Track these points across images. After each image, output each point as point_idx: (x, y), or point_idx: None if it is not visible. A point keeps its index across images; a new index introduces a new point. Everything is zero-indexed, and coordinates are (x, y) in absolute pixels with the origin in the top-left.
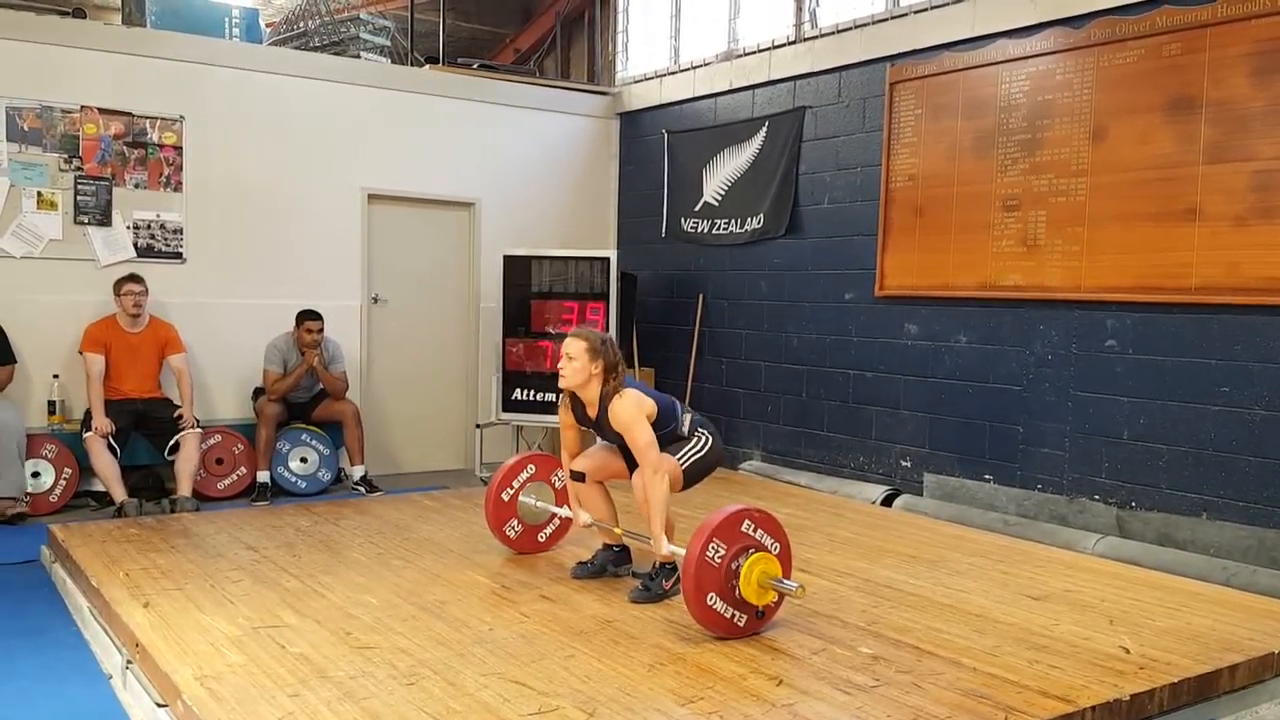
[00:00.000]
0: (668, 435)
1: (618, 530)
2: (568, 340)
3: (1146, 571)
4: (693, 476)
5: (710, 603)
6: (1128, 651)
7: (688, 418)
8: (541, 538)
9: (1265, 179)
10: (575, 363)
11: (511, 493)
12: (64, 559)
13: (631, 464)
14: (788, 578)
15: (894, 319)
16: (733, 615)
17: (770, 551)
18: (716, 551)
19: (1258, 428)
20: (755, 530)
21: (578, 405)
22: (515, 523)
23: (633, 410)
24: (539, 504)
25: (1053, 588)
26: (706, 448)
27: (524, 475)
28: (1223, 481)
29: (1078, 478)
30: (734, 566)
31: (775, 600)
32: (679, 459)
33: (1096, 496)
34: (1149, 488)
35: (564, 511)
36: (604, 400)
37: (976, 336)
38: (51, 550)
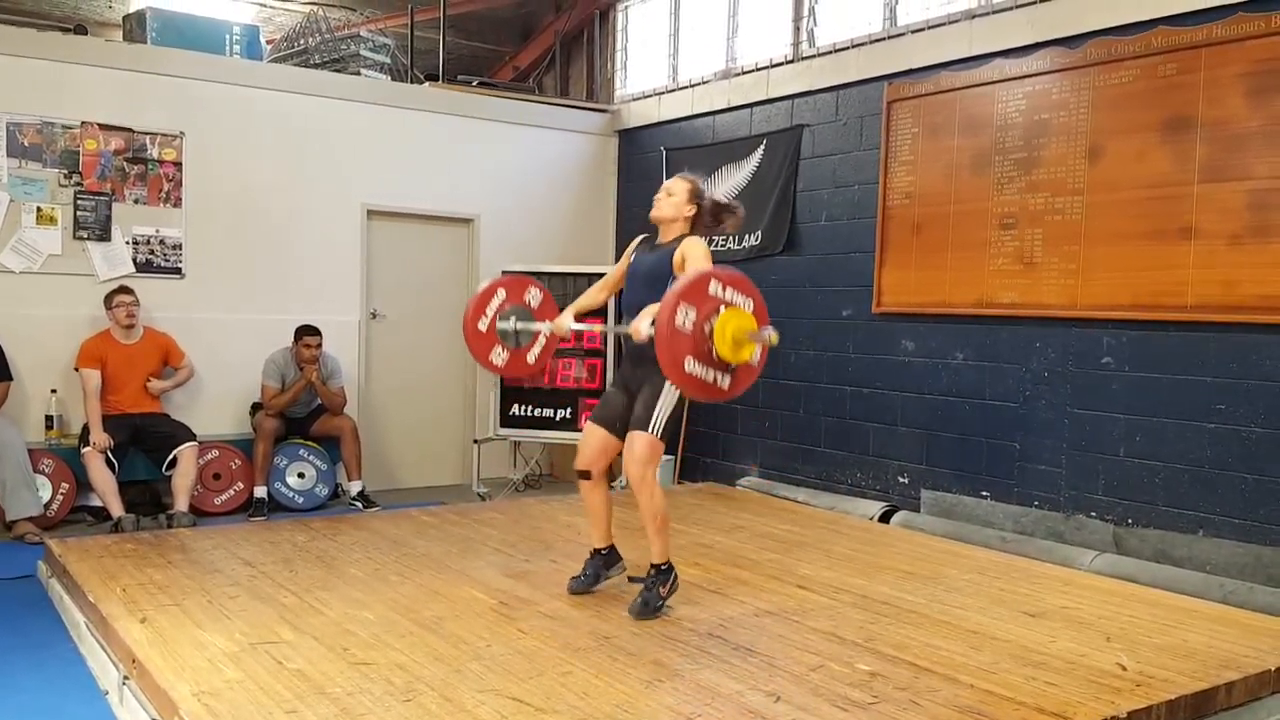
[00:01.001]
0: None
1: (600, 328)
2: (673, 179)
3: (1143, 588)
4: (670, 435)
5: (689, 368)
6: (1124, 669)
7: None
8: (530, 359)
9: (1261, 198)
10: (674, 198)
11: (487, 321)
12: (61, 574)
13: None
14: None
15: (891, 336)
16: (714, 378)
17: (743, 309)
18: (686, 316)
19: (1254, 445)
20: (724, 289)
21: (643, 247)
22: (500, 349)
23: (704, 249)
24: (519, 326)
25: (1049, 604)
26: (677, 399)
27: (495, 302)
28: (1219, 499)
29: (1074, 494)
30: (706, 329)
31: (755, 356)
32: (651, 428)
33: (1093, 513)
34: (1146, 505)
35: (546, 327)
36: (677, 240)
37: (973, 353)
38: (48, 565)
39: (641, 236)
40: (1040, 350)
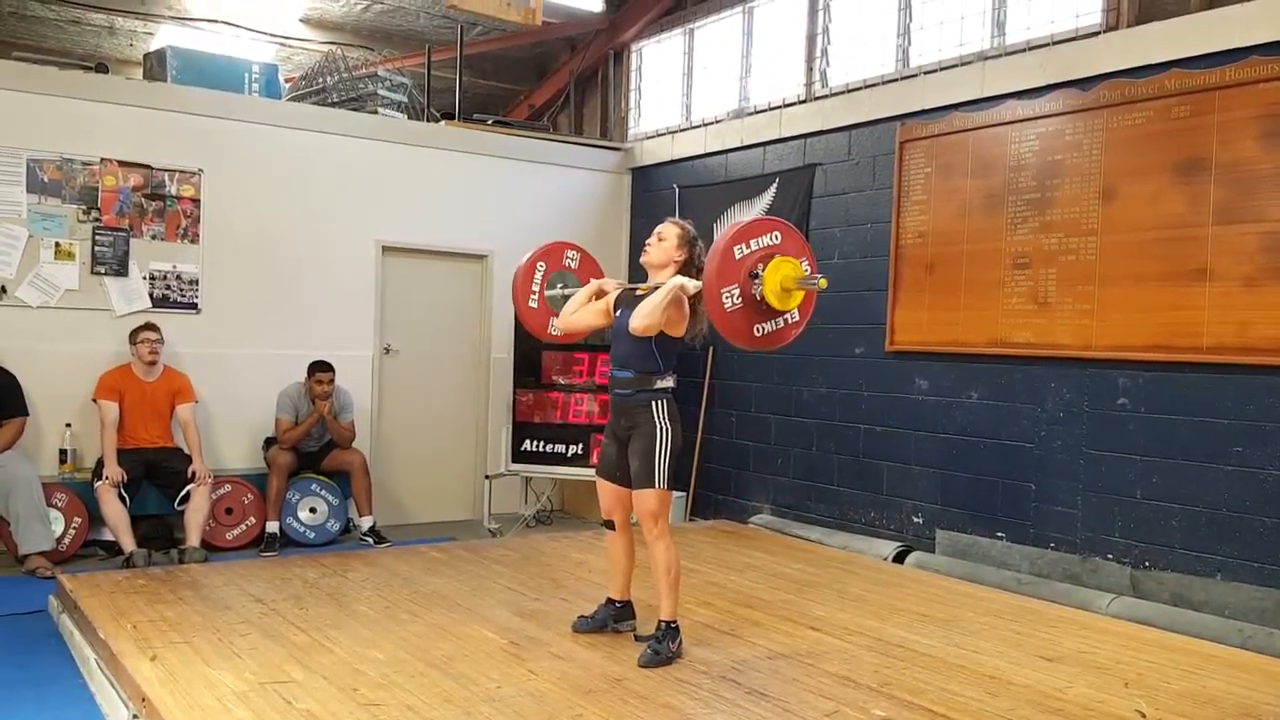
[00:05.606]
0: (658, 361)
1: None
2: (665, 224)
3: (1161, 633)
4: (675, 474)
5: (724, 299)
6: (1144, 716)
7: (671, 379)
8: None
9: (1275, 241)
10: (665, 243)
11: (536, 296)
12: (72, 610)
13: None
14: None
15: (904, 374)
16: (755, 324)
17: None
18: (743, 251)
19: (1271, 488)
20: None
21: (627, 295)
22: (554, 320)
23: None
24: (565, 291)
25: (1066, 649)
26: (671, 440)
27: (538, 275)
28: (1237, 542)
29: (1091, 536)
30: (758, 268)
31: (796, 314)
32: (656, 482)
33: (1110, 556)
34: (1162, 547)
35: (593, 286)
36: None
37: (987, 393)
38: (59, 600)
39: (625, 288)
40: (1055, 390)
